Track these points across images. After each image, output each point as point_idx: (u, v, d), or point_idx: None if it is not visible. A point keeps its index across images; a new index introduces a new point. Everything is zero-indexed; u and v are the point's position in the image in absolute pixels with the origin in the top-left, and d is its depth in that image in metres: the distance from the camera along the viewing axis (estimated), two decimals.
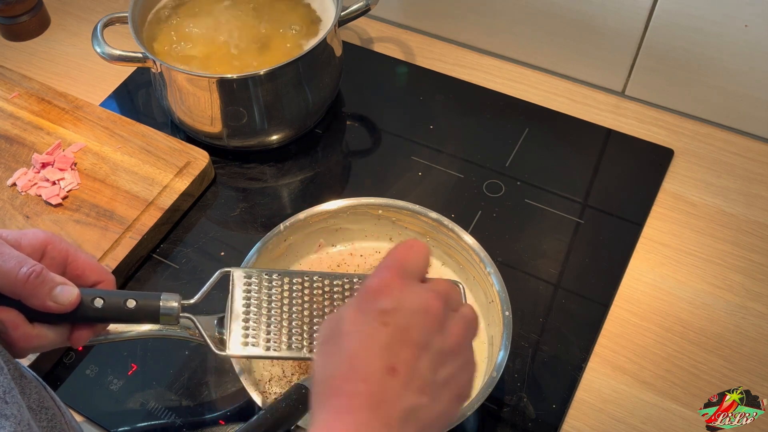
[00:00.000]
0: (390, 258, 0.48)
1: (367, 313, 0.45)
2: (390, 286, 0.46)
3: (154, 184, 0.81)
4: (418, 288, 0.46)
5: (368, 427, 0.41)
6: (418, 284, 0.47)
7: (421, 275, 0.48)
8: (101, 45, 0.82)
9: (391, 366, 0.43)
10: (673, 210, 0.81)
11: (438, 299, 0.46)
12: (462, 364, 0.46)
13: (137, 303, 0.54)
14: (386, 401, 0.42)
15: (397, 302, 0.45)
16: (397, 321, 0.44)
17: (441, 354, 0.45)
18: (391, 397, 0.42)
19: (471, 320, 0.48)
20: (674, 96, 0.88)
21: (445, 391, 0.45)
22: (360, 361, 0.43)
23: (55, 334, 0.53)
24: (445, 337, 0.45)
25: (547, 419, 0.66)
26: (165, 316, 0.55)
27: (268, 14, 0.87)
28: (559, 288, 0.75)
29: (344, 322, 0.45)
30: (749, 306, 0.73)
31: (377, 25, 1.02)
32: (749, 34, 0.78)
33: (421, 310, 0.45)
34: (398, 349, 0.43)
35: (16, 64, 0.99)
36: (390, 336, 0.44)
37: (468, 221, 0.80)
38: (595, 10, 0.85)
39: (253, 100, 0.81)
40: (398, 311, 0.45)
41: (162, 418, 0.67)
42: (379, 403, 0.42)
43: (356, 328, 0.44)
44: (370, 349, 0.43)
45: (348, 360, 0.43)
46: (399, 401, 0.42)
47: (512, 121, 0.90)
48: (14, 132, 0.87)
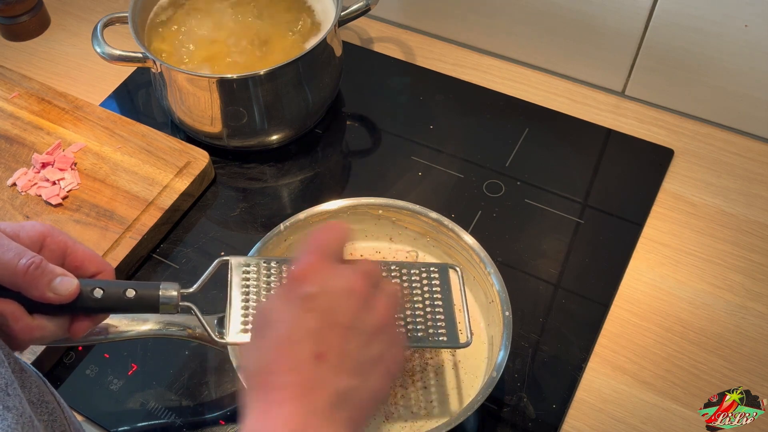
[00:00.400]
0: (310, 243, 0.48)
1: (292, 301, 0.45)
2: (312, 271, 0.45)
3: (154, 184, 0.81)
4: (340, 269, 0.46)
5: (299, 418, 0.41)
6: (339, 266, 0.47)
7: (340, 256, 0.48)
8: (101, 45, 0.82)
9: (319, 352, 0.43)
10: (673, 210, 0.81)
11: (360, 278, 0.46)
12: (390, 340, 0.47)
13: (137, 292, 0.54)
14: (316, 388, 0.42)
15: (319, 286, 0.45)
16: (321, 305, 0.44)
17: (368, 333, 0.45)
18: (320, 384, 0.42)
19: (394, 295, 0.49)
20: (674, 96, 0.88)
21: (375, 370, 0.45)
22: (287, 351, 0.43)
23: (55, 326, 0.53)
24: (370, 315, 0.46)
25: (547, 419, 0.66)
26: (164, 305, 0.55)
27: (269, 14, 0.87)
28: (559, 288, 0.75)
29: (271, 311, 0.45)
30: (749, 306, 0.73)
31: (377, 25, 1.02)
32: (749, 34, 0.78)
33: (345, 291, 0.45)
34: (325, 334, 0.43)
35: (16, 64, 0.99)
36: (316, 321, 0.44)
37: (468, 221, 0.80)
38: (595, 10, 0.85)
39: (253, 100, 0.81)
40: (322, 295, 0.45)
41: (162, 418, 0.67)
42: (309, 391, 0.42)
43: (282, 317, 0.44)
44: (296, 336, 0.43)
45: (275, 350, 0.43)
46: (329, 386, 0.42)
47: (512, 121, 0.90)
48: (14, 132, 0.87)
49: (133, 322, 0.62)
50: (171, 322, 0.63)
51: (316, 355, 0.43)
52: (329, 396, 0.42)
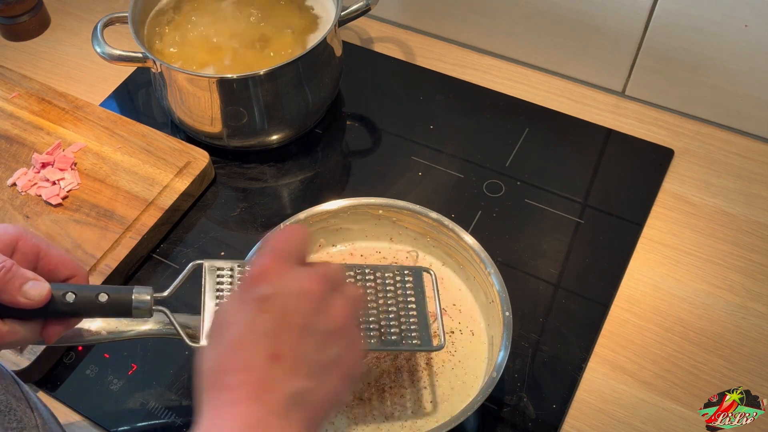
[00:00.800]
0: (267, 245, 0.47)
1: (247, 302, 0.44)
2: (268, 273, 0.45)
3: (154, 184, 0.81)
4: (297, 272, 0.46)
5: (253, 418, 0.41)
6: (296, 268, 0.46)
7: (301, 259, 0.48)
8: (101, 45, 0.82)
9: (273, 353, 0.42)
10: (673, 210, 0.81)
11: (317, 281, 0.46)
12: (348, 344, 0.46)
13: (109, 297, 0.54)
14: (271, 389, 0.42)
15: (275, 288, 0.44)
16: (276, 306, 0.44)
17: (325, 335, 0.45)
18: (275, 384, 0.42)
19: (354, 299, 0.48)
20: (674, 96, 0.88)
21: (332, 372, 0.44)
22: (242, 352, 0.43)
23: (27, 330, 0.52)
24: (327, 317, 0.45)
25: (547, 419, 0.66)
26: (137, 309, 0.55)
27: (269, 14, 0.87)
28: (559, 288, 0.75)
29: (226, 314, 0.45)
30: (749, 306, 0.73)
31: (377, 25, 1.02)
32: (749, 34, 0.78)
33: (300, 293, 0.45)
34: (280, 335, 0.43)
35: (16, 64, 0.99)
36: (270, 322, 0.43)
37: (468, 221, 0.80)
38: (595, 10, 0.85)
39: (253, 100, 0.81)
40: (277, 297, 0.44)
41: (162, 418, 0.67)
42: (264, 392, 0.41)
43: (236, 319, 0.44)
44: (251, 337, 0.43)
45: (230, 351, 0.43)
46: (284, 387, 0.42)
47: (512, 121, 0.90)
48: (14, 132, 0.87)
49: (133, 322, 0.62)
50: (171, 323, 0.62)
51: (271, 355, 0.42)
52: (284, 396, 0.42)
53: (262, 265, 0.45)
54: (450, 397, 0.65)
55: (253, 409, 0.41)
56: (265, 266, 0.45)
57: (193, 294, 0.59)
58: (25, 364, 0.68)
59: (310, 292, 0.45)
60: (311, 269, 0.47)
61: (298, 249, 0.48)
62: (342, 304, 0.46)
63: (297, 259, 0.47)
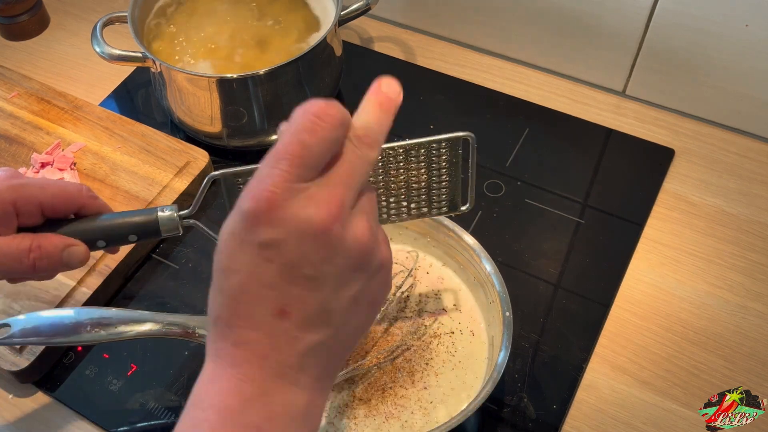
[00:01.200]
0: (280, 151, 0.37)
1: (246, 246, 0.37)
2: (270, 209, 0.36)
3: (153, 184, 0.81)
4: (307, 203, 0.37)
5: (255, 382, 0.36)
6: (306, 195, 0.37)
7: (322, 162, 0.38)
8: (101, 44, 0.82)
9: (280, 308, 0.37)
10: (674, 210, 0.81)
11: (332, 217, 0.37)
12: (372, 271, 0.39)
13: (138, 237, 0.56)
14: (278, 348, 0.37)
15: (280, 233, 0.36)
16: (282, 256, 0.36)
17: (342, 274, 0.38)
18: (283, 343, 0.37)
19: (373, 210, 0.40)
20: (675, 96, 0.88)
21: (354, 310, 0.39)
22: (243, 305, 0.37)
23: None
24: (344, 255, 0.37)
25: (547, 419, 0.66)
26: (166, 227, 0.57)
27: (269, 14, 0.87)
28: (560, 288, 0.75)
29: (227, 257, 0.38)
30: (749, 306, 0.73)
31: (377, 25, 1.02)
32: (750, 33, 0.78)
33: (312, 237, 0.36)
34: (287, 288, 0.37)
35: (15, 64, 0.99)
36: (275, 274, 0.37)
37: (468, 221, 0.80)
38: (595, 9, 0.85)
39: (253, 100, 0.81)
40: (282, 244, 0.36)
41: (162, 418, 0.67)
42: (269, 353, 0.36)
43: (238, 265, 0.37)
44: (254, 289, 0.37)
45: (233, 302, 0.37)
46: (294, 345, 0.37)
47: (512, 121, 0.90)
48: (14, 132, 0.87)
49: (133, 322, 0.62)
50: (171, 322, 0.63)
51: (278, 311, 0.37)
52: (295, 354, 0.37)
53: (262, 193, 0.36)
54: (450, 397, 0.65)
55: (254, 372, 0.36)
56: (265, 197, 0.36)
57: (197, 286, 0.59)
58: (24, 364, 0.68)
59: (324, 234, 0.37)
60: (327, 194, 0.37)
61: (320, 151, 0.37)
62: (362, 228, 0.38)
63: (316, 166, 0.37)
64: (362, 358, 0.67)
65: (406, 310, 0.70)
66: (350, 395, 0.65)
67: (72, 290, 0.73)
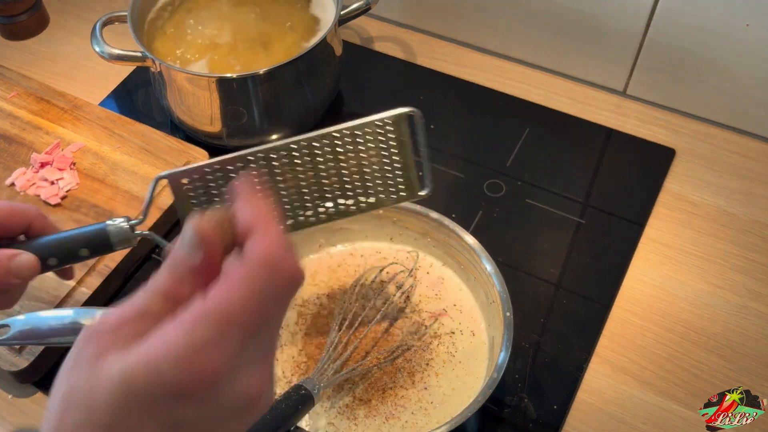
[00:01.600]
0: (219, 308, 0.32)
1: (155, 412, 0.30)
2: (199, 381, 0.30)
3: None
4: (243, 378, 0.32)
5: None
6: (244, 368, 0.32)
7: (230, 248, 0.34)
8: (100, 44, 0.82)
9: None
10: (675, 210, 0.80)
11: (261, 387, 0.33)
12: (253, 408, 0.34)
13: (90, 252, 0.53)
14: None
15: (201, 414, 0.31)
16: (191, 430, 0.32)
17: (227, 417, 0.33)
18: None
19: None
20: (676, 96, 0.88)
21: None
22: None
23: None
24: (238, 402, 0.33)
25: (548, 420, 0.66)
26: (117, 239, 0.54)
27: (269, 13, 0.87)
28: (560, 288, 0.75)
29: (109, 408, 0.32)
30: (750, 306, 0.73)
31: (377, 24, 1.01)
32: (750, 33, 0.78)
33: (237, 414, 0.32)
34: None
35: (15, 64, 0.98)
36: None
37: (469, 221, 0.79)
38: (596, 9, 0.85)
39: (252, 100, 0.81)
40: (199, 426, 0.32)
41: None
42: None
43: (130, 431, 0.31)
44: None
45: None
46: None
47: (513, 120, 0.89)
48: (13, 131, 0.87)
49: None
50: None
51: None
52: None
53: (190, 365, 0.30)
54: (450, 397, 0.65)
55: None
56: (196, 367, 0.30)
57: None
58: (23, 364, 0.68)
59: (251, 409, 0.33)
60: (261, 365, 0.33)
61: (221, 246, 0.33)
62: (257, 379, 0.33)
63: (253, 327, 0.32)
64: (362, 358, 0.67)
65: (406, 310, 0.70)
66: (350, 395, 0.65)
67: (72, 290, 0.73)
